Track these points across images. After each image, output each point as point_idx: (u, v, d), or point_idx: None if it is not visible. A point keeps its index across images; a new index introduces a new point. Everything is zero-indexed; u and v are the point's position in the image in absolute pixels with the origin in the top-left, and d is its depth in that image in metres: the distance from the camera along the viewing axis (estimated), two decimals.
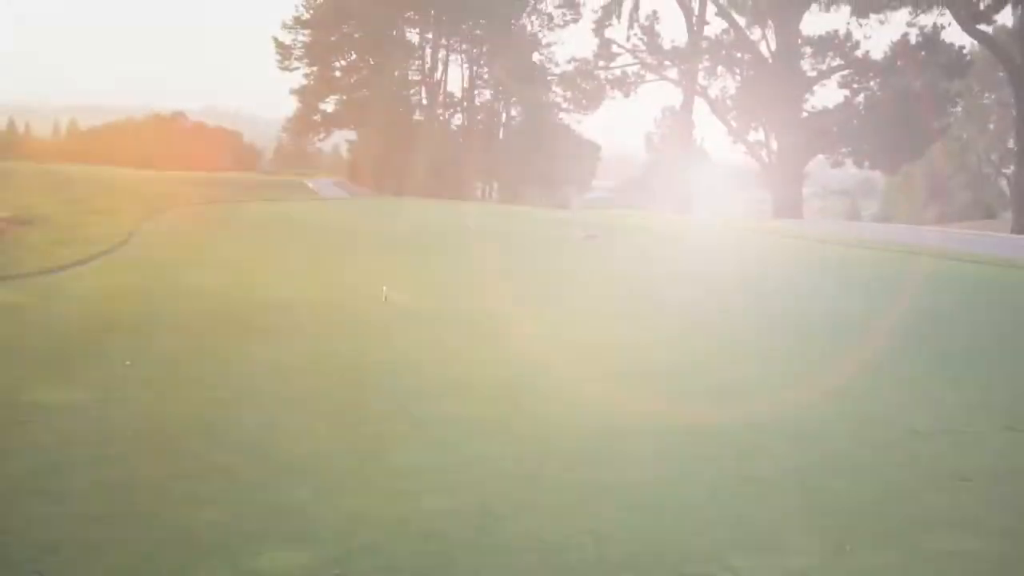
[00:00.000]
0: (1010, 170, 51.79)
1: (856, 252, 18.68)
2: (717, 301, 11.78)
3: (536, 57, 57.83)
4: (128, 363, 7.22)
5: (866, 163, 48.29)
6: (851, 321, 10.60)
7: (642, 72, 49.01)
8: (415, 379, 7.06)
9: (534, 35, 60.94)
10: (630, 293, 12.30)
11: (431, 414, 6.08)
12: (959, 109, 47.76)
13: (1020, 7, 36.31)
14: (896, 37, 44.97)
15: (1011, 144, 53.31)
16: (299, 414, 6.00)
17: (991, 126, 57.06)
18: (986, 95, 54.90)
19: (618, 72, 49.39)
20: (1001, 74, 48.57)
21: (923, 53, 42.80)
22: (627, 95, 48.60)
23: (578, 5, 50.07)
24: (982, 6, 34.44)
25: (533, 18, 61.52)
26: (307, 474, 4.88)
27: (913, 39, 43.40)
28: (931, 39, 42.90)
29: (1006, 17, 40.47)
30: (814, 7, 41.77)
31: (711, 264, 16.04)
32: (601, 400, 6.58)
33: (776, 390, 7.33)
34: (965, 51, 43.73)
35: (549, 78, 52.39)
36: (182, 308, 9.69)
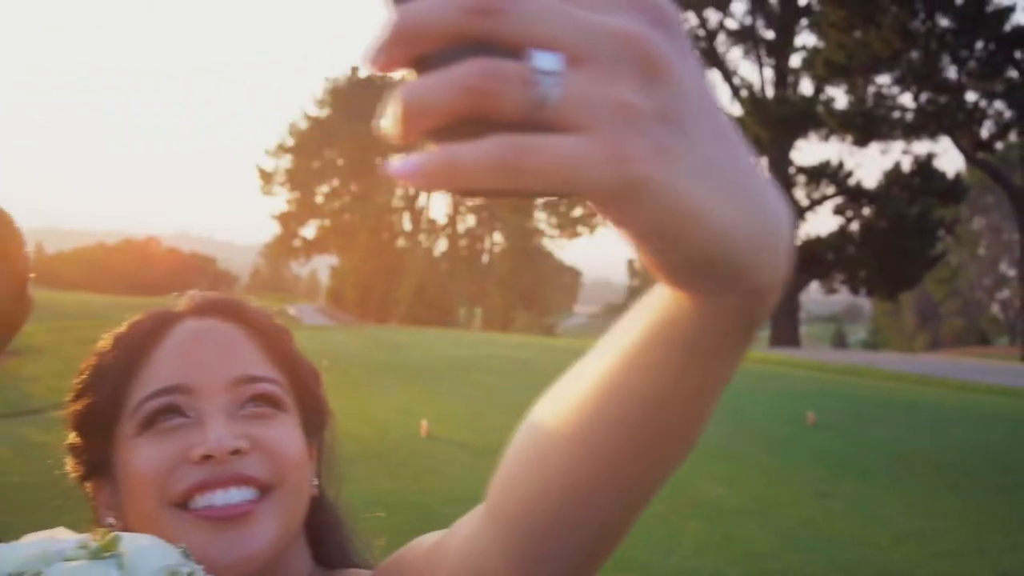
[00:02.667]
0: (1003, 295, 51.81)
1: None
2: (764, 440, 10.66)
3: None
4: None
5: (862, 290, 47.80)
6: None
7: None
8: None
9: None
10: None
11: None
12: (953, 236, 47.98)
13: None
14: (887, 166, 45.35)
15: (1002, 268, 53.44)
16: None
17: (981, 251, 57.32)
18: (975, 219, 55.35)
19: None
20: (991, 199, 48.84)
21: (918, 180, 42.90)
22: None
23: None
24: (985, 134, 34.35)
25: None
26: None
27: (907, 166, 43.53)
28: (925, 166, 43.13)
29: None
30: (811, 136, 41.87)
31: (749, 397, 14.94)
32: (707, 545, 6.17)
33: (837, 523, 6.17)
34: (958, 176, 44.03)
35: (533, 204, 52.11)
36: None
